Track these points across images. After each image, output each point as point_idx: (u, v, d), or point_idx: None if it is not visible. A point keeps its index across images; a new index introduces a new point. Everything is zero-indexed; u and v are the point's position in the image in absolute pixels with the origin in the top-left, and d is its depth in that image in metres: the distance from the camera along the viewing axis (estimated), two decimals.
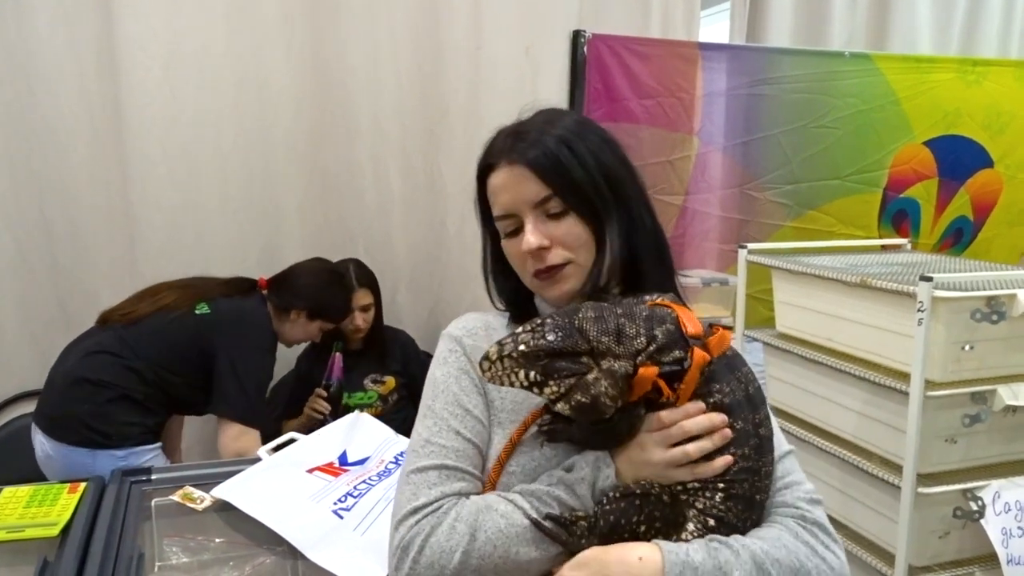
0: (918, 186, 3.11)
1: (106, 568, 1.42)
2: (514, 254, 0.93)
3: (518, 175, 0.89)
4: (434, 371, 0.95)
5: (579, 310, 0.80)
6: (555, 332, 0.78)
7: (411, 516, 0.83)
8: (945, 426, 1.49)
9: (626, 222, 0.90)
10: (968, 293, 1.44)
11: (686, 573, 0.75)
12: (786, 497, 0.86)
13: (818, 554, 0.82)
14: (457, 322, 0.99)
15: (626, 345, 0.78)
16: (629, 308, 0.81)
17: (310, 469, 1.72)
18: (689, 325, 0.81)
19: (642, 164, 3.04)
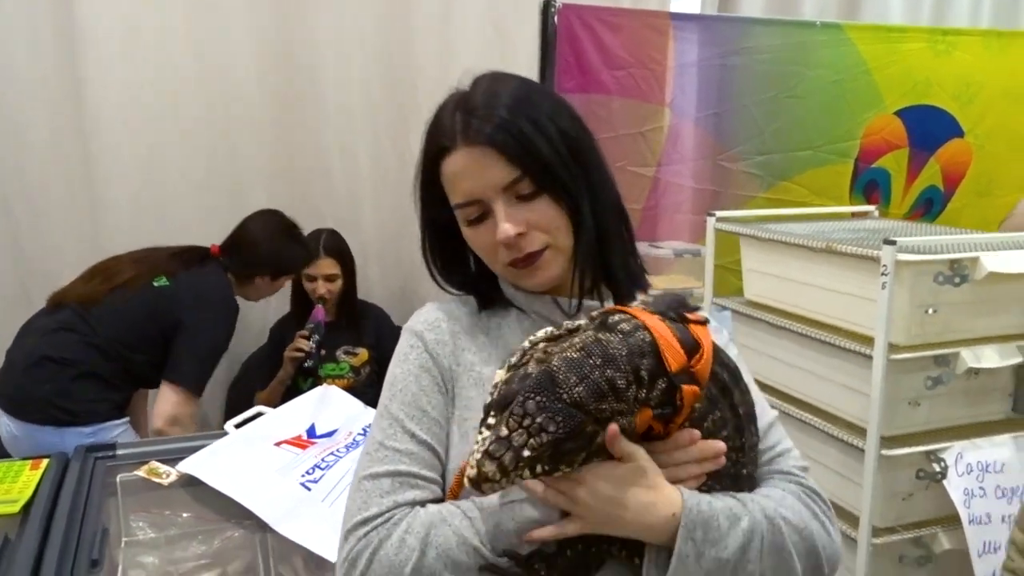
0: (889, 156, 3.12)
1: (69, 544, 1.41)
2: (481, 244, 0.86)
3: (480, 157, 0.81)
4: (393, 368, 0.90)
5: (555, 379, 0.69)
6: (553, 421, 0.68)
7: (360, 527, 0.79)
8: (908, 389, 1.50)
9: (591, 192, 0.85)
10: (931, 256, 1.45)
11: (701, 505, 0.75)
12: (780, 465, 0.87)
13: (818, 519, 0.83)
14: (418, 315, 0.93)
15: (624, 399, 0.71)
16: (604, 350, 0.71)
17: (278, 442, 1.71)
18: (669, 355, 0.73)
19: (613, 136, 3.03)
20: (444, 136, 0.83)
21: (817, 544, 0.81)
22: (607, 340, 0.72)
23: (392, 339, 2.68)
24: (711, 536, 0.74)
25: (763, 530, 0.77)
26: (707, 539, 0.74)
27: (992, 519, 1.51)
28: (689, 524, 0.74)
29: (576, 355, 0.71)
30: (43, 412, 1.92)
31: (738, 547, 0.75)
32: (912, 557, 1.56)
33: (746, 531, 0.75)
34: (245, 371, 2.62)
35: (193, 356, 1.99)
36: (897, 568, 1.56)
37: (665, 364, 0.73)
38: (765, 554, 0.76)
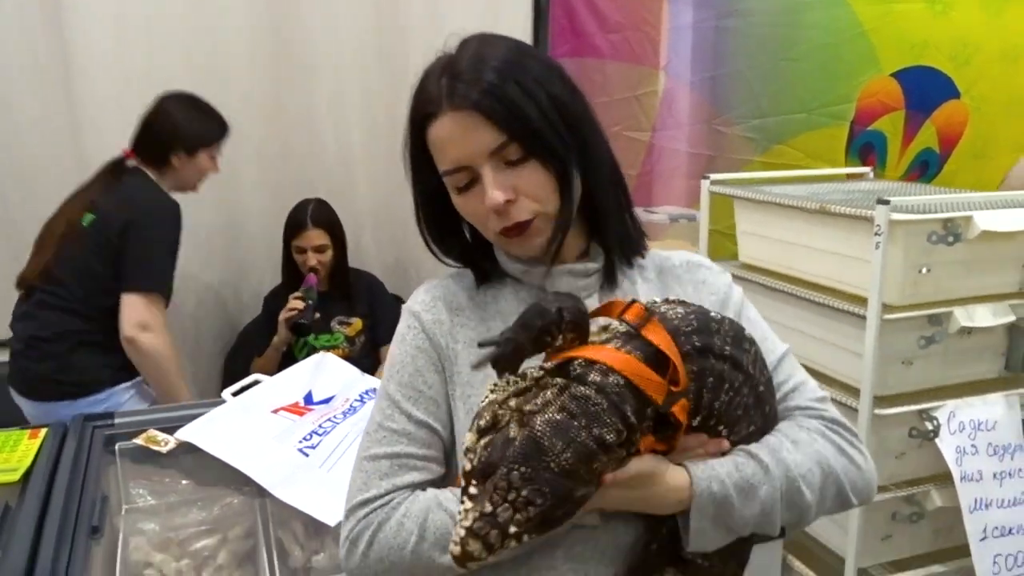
0: (885, 119, 3.11)
1: (69, 512, 1.42)
2: (471, 211, 0.84)
3: (466, 122, 0.79)
4: (393, 348, 0.92)
5: (540, 446, 0.67)
6: (540, 494, 0.66)
7: (360, 508, 0.82)
8: (901, 349, 1.51)
9: (583, 158, 0.84)
10: (925, 216, 1.45)
11: (712, 487, 0.76)
12: (798, 400, 0.87)
13: (846, 454, 0.83)
14: (416, 295, 0.93)
15: (614, 452, 0.70)
16: (585, 408, 0.69)
17: (275, 409, 1.72)
18: (649, 390, 0.72)
19: (608, 100, 3.01)
20: (430, 102, 0.82)
21: (845, 484, 0.82)
22: (584, 395, 0.70)
23: (386, 306, 2.69)
24: (725, 510, 0.76)
25: (782, 492, 0.78)
26: (719, 514, 0.76)
27: (984, 476, 1.52)
28: (700, 506, 0.76)
29: (559, 416, 0.68)
30: (52, 389, 1.94)
31: (756, 514, 0.77)
32: (904, 514, 1.58)
33: (764, 500, 0.77)
34: (241, 341, 2.62)
35: (143, 259, 1.93)
36: (890, 525, 1.58)
37: (650, 399, 0.72)
38: (785, 509, 0.78)
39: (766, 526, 0.78)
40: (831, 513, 0.84)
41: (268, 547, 1.49)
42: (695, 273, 0.93)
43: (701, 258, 0.96)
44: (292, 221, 2.39)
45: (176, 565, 1.53)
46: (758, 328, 0.90)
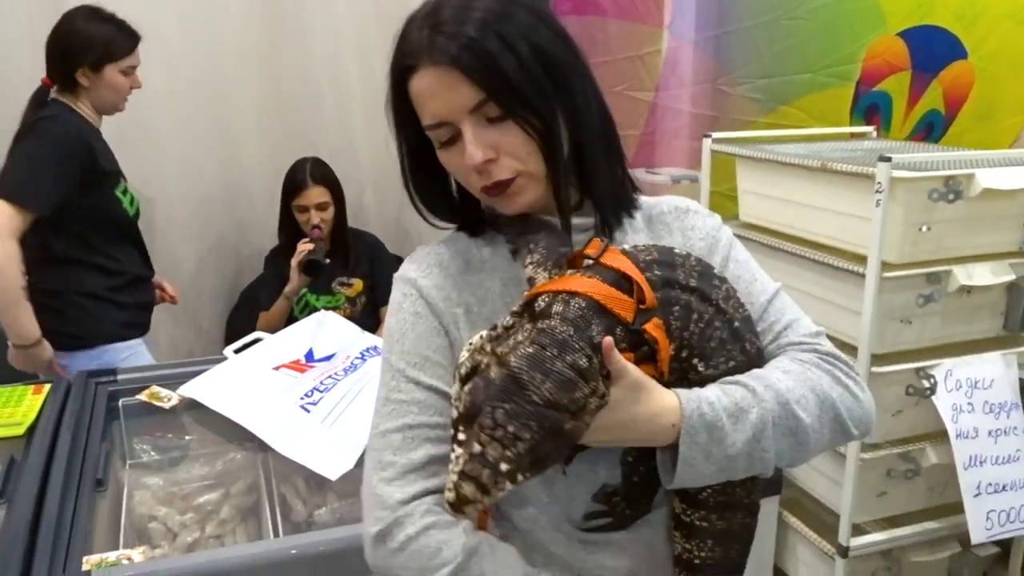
0: (891, 79, 3.07)
1: (73, 465, 1.44)
2: (455, 167, 0.82)
3: (446, 78, 0.76)
4: (388, 321, 0.87)
5: (521, 382, 0.66)
6: (527, 428, 0.65)
7: (388, 502, 0.78)
8: (900, 307, 1.51)
9: (571, 112, 0.80)
10: (926, 173, 1.44)
11: (703, 408, 0.74)
12: (791, 337, 0.84)
13: (841, 383, 0.81)
14: (409, 262, 0.90)
15: (592, 376, 0.68)
16: (552, 337, 0.68)
17: (276, 367, 1.74)
18: (618, 308, 0.72)
19: (611, 59, 2.98)
20: (410, 53, 0.79)
21: (841, 412, 0.79)
22: (550, 327, 0.70)
23: (387, 266, 2.70)
24: (716, 436, 0.74)
25: (775, 416, 0.76)
26: (712, 439, 0.74)
27: (979, 433, 1.53)
28: (690, 430, 0.73)
29: (532, 350, 0.68)
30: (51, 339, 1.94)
31: (747, 440, 0.75)
32: (900, 471, 1.59)
33: (755, 423, 0.75)
34: (243, 300, 2.64)
35: (11, 168, 1.86)
36: (885, 482, 1.60)
37: (621, 318, 0.72)
38: (779, 437, 0.76)
39: (758, 457, 0.76)
40: (832, 444, 0.81)
41: (271, 501, 1.51)
42: (684, 219, 0.92)
43: (689, 202, 0.94)
44: (291, 181, 2.37)
45: (180, 519, 1.55)
46: (748, 269, 0.88)
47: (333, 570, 1.31)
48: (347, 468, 1.50)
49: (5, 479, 1.38)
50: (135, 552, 1.28)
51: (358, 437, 1.55)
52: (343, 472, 1.49)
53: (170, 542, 1.51)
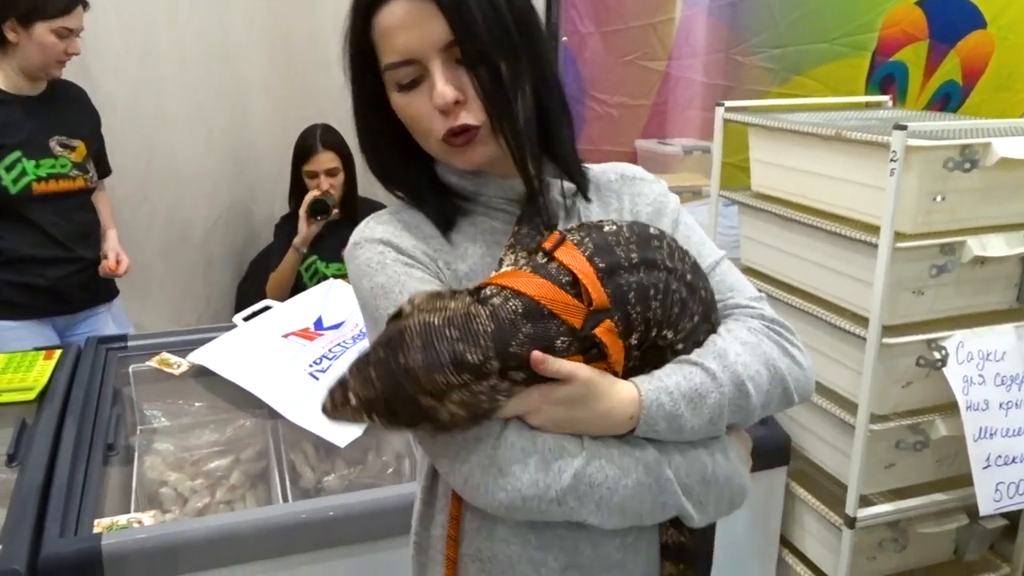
0: (907, 49, 3.02)
1: (85, 430, 1.46)
2: (415, 113, 0.77)
3: (421, 10, 0.73)
4: (374, 279, 0.80)
5: (403, 339, 0.68)
6: (380, 379, 0.67)
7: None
8: (912, 278, 1.50)
9: (539, 73, 0.80)
10: (942, 142, 1.42)
11: (661, 398, 0.74)
12: (737, 299, 0.86)
13: (789, 354, 0.82)
14: (370, 227, 0.84)
15: (473, 373, 0.68)
16: (466, 323, 0.68)
17: (285, 334, 1.74)
18: (567, 315, 0.71)
19: (623, 28, 2.94)
20: None
21: (789, 384, 0.81)
22: (475, 313, 0.69)
23: None
24: (674, 425, 0.75)
25: (730, 398, 0.76)
26: (670, 428, 0.75)
27: (990, 406, 1.52)
28: (649, 420, 0.74)
29: (436, 321, 0.68)
30: None
31: (703, 424, 0.76)
32: (909, 443, 1.58)
33: (712, 407, 0.76)
34: (252, 270, 2.64)
35: None
36: (893, 453, 1.59)
37: (568, 323, 0.71)
38: (731, 414, 0.78)
39: (710, 434, 0.77)
40: (771, 413, 0.83)
41: (280, 468, 1.53)
42: (631, 186, 0.91)
43: (636, 169, 0.94)
44: (300, 147, 2.37)
45: (190, 484, 1.57)
46: (695, 234, 0.89)
47: (342, 535, 1.33)
48: (355, 435, 1.50)
49: (17, 443, 1.40)
50: (146, 516, 1.29)
51: None
52: (352, 439, 1.50)
53: (180, 507, 1.53)
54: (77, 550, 1.18)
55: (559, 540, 0.80)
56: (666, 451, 0.76)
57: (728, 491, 0.80)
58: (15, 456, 1.38)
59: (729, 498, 0.81)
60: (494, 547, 0.80)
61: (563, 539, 0.80)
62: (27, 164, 1.93)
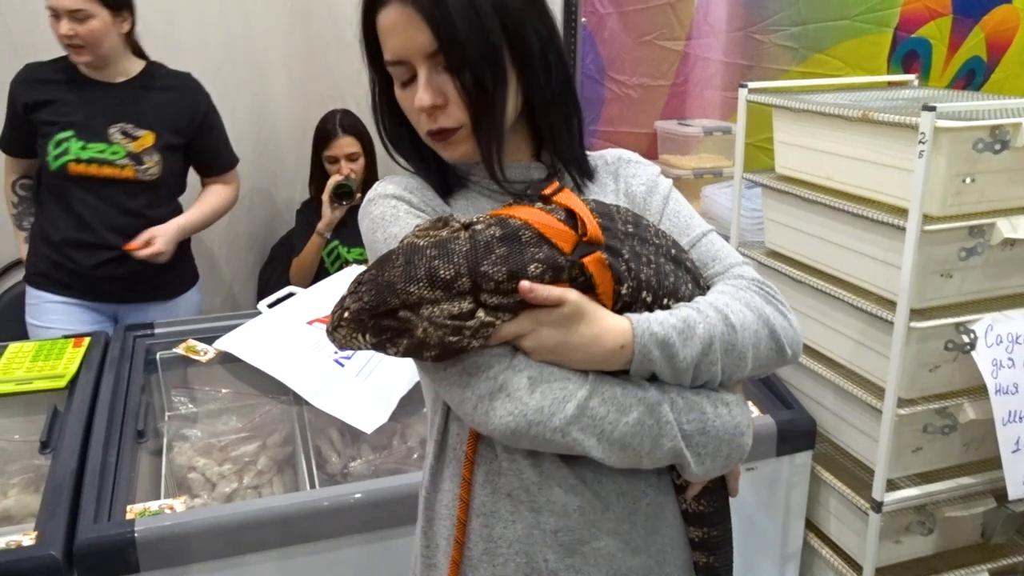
0: (931, 24, 2.97)
1: (115, 416, 1.47)
2: (407, 107, 0.85)
3: (409, 18, 0.78)
4: (384, 231, 0.84)
5: (390, 258, 0.73)
6: (369, 292, 0.72)
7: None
8: (941, 261, 1.48)
9: (526, 72, 0.84)
10: (972, 123, 1.40)
11: (653, 327, 0.76)
12: (724, 265, 0.90)
13: (772, 303, 0.85)
14: (383, 186, 0.89)
15: (445, 289, 0.72)
16: (445, 245, 0.73)
17: (310, 321, 1.75)
18: (557, 239, 0.75)
19: (643, 7, 2.91)
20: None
21: (776, 327, 0.83)
22: (455, 236, 0.74)
23: None
24: (667, 353, 0.77)
25: (720, 331, 0.79)
26: (664, 356, 0.77)
27: (1019, 389, 1.51)
28: (643, 349, 0.76)
29: (421, 243, 0.74)
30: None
31: (696, 354, 0.78)
32: (937, 427, 1.58)
33: (703, 337, 0.78)
34: (274, 255, 2.65)
35: None
36: (921, 437, 1.59)
37: (557, 247, 0.75)
38: (724, 352, 0.79)
39: (706, 370, 0.79)
40: (767, 365, 0.85)
41: (306, 453, 1.54)
42: (627, 168, 0.96)
43: (631, 153, 0.99)
44: (321, 132, 2.37)
45: (218, 469, 1.59)
46: (685, 207, 0.94)
47: (369, 521, 1.34)
48: (381, 421, 1.51)
49: (50, 430, 1.42)
50: (177, 502, 1.31)
51: (392, 390, 1.57)
52: (378, 425, 1.51)
53: (209, 492, 1.54)
54: (111, 536, 1.20)
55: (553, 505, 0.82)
56: (667, 393, 0.78)
57: (728, 446, 0.82)
58: (48, 443, 1.40)
59: (728, 453, 0.82)
60: (497, 501, 0.84)
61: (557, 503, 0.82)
62: (74, 144, 1.96)
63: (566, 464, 0.82)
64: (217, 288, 2.59)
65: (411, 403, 1.58)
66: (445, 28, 0.78)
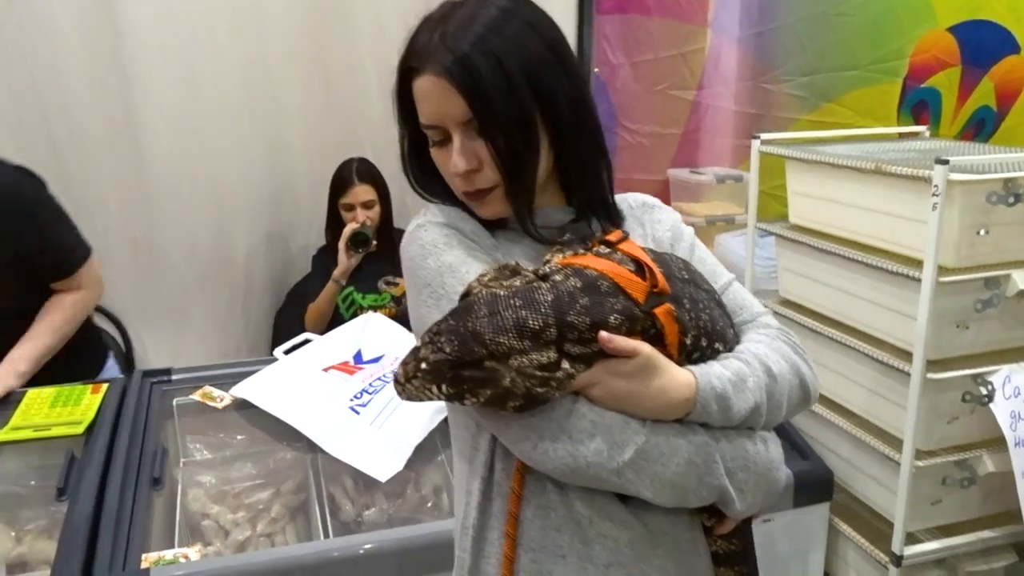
0: (940, 75, 3.01)
1: (131, 463, 1.47)
2: (442, 166, 0.88)
3: (443, 87, 0.82)
4: (437, 259, 0.86)
5: (472, 308, 0.73)
6: (451, 342, 0.71)
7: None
8: (956, 312, 1.48)
9: (555, 131, 0.87)
10: (985, 176, 1.41)
11: (713, 382, 0.80)
12: (744, 316, 0.93)
13: (798, 352, 0.90)
14: (431, 213, 0.91)
15: (533, 340, 0.72)
16: (529, 295, 0.73)
17: (326, 368, 1.76)
18: (631, 289, 0.77)
19: (653, 58, 2.96)
20: (417, 55, 0.85)
21: (806, 378, 0.89)
22: (537, 286, 0.75)
23: None
24: (724, 404, 0.80)
25: (765, 382, 0.83)
26: (720, 407, 0.80)
27: None
28: (703, 402, 0.79)
29: (502, 292, 0.74)
30: None
31: (749, 406, 0.81)
32: (955, 479, 1.56)
33: (753, 389, 0.82)
34: (290, 300, 2.67)
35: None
36: (940, 490, 1.57)
37: (631, 297, 0.77)
38: (767, 401, 0.83)
39: (753, 419, 0.83)
40: (795, 411, 0.89)
41: (320, 501, 1.53)
42: (650, 213, 0.99)
43: (653, 199, 1.02)
44: (337, 179, 2.40)
45: (232, 517, 1.58)
46: (709, 257, 0.97)
47: (383, 571, 1.33)
48: (396, 470, 1.51)
49: (67, 476, 1.42)
50: (191, 551, 1.31)
51: (407, 438, 1.57)
52: (392, 473, 1.50)
53: (222, 540, 1.53)
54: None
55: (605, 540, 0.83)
56: (714, 436, 0.81)
57: (766, 480, 0.85)
58: (64, 490, 1.40)
59: (766, 487, 0.85)
60: (547, 536, 0.84)
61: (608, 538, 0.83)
62: None
63: (617, 499, 0.83)
64: (233, 331, 2.60)
65: (426, 451, 1.57)
66: (479, 97, 0.81)
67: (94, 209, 2.31)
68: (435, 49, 0.82)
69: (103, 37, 2.23)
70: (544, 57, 0.85)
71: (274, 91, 2.46)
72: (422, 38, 0.85)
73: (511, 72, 0.81)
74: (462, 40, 0.81)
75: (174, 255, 2.43)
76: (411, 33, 0.87)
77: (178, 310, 2.47)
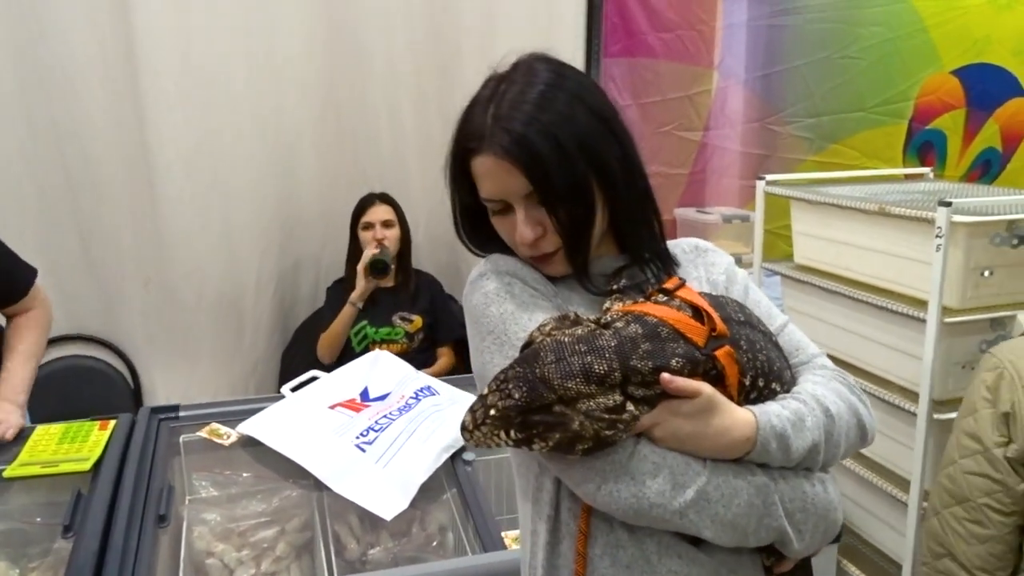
0: (945, 117, 3.03)
1: (138, 500, 1.47)
2: (505, 233, 0.92)
3: (503, 166, 0.86)
4: (500, 307, 0.89)
5: (539, 355, 0.75)
6: (520, 388, 0.73)
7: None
8: (962, 352, 1.48)
9: (608, 192, 0.89)
10: (987, 217, 1.42)
11: (772, 421, 0.80)
12: (801, 357, 0.94)
13: (855, 392, 0.90)
14: (492, 263, 0.94)
15: (600, 384, 0.74)
16: (592, 342, 0.76)
17: (332, 405, 1.76)
18: (691, 333, 0.80)
19: (660, 100, 3.00)
20: (473, 136, 0.88)
21: (864, 418, 0.89)
22: (600, 333, 0.78)
23: (445, 306, 2.73)
24: (783, 444, 0.81)
25: (823, 423, 0.84)
26: (780, 447, 0.81)
27: None
28: (764, 441, 0.80)
29: (566, 339, 0.77)
30: None
31: (808, 446, 0.82)
32: None
33: (811, 429, 0.83)
34: (297, 337, 2.68)
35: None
36: None
37: (692, 342, 0.79)
38: (825, 440, 0.84)
39: (811, 460, 0.83)
40: (853, 450, 0.89)
41: (325, 539, 1.53)
42: (704, 257, 1.01)
43: (706, 243, 1.03)
44: (358, 205, 2.46)
45: (236, 555, 1.57)
46: (763, 299, 0.98)
47: None
48: (401, 508, 1.51)
49: (73, 513, 1.42)
50: None
51: (412, 477, 1.56)
52: (397, 512, 1.50)
53: None
54: None
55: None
56: (773, 477, 0.83)
57: (824, 521, 0.85)
58: (71, 526, 1.40)
59: (824, 528, 0.86)
60: (617, 573, 0.85)
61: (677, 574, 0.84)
62: None
63: (683, 536, 0.84)
64: (242, 368, 2.61)
65: (430, 490, 1.57)
66: (538, 174, 0.85)
67: (109, 238, 2.34)
68: (491, 131, 0.86)
69: (122, 80, 2.28)
70: (593, 126, 0.88)
71: (287, 135, 2.51)
72: (475, 120, 0.88)
73: (565, 146, 0.85)
74: (515, 120, 0.85)
75: (185, 293, 2.45)
76: (464, 112, 0.90)
77: (187, 347, 2.48)
